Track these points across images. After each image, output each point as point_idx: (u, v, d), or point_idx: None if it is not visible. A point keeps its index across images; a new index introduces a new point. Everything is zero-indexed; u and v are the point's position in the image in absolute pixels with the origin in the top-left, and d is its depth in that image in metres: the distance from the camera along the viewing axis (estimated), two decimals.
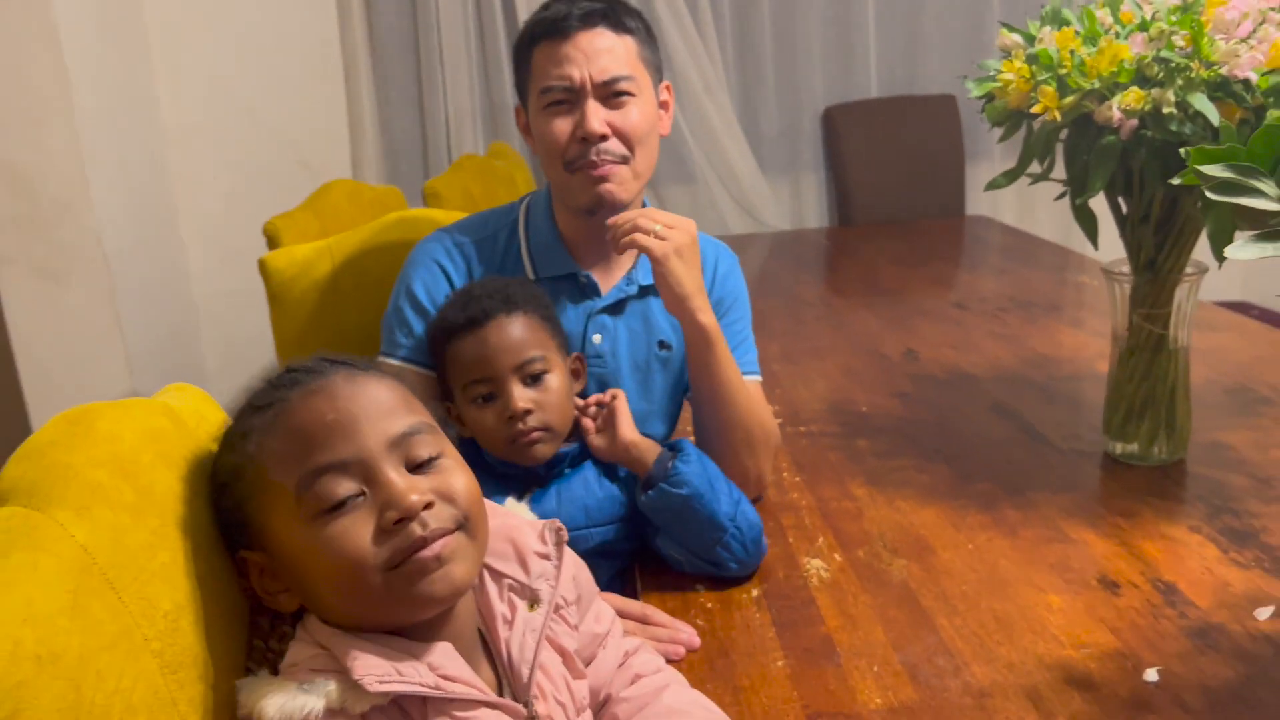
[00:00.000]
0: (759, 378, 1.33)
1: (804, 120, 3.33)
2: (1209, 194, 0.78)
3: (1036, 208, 3.50)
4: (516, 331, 1.11)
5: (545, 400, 1.10)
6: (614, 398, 1.16)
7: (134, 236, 2.55)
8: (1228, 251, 0.77)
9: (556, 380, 1.12)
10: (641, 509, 1.12)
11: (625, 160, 1.23)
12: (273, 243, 1.77)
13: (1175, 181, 0.87)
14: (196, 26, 2.85)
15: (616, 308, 1.29)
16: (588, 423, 1.16)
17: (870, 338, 1.97)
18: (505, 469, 1.13)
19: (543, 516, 0.87)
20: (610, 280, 1.30)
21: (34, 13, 2.21)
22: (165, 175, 2.87)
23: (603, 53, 1.21)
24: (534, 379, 1.11)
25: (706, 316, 1.19)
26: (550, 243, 1.29)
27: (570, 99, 1.21)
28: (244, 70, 2.92)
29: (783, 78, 3.30)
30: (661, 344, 1.31)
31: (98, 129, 2.38)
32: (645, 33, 1.26)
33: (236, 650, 0.73)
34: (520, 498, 1.13)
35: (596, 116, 1.20)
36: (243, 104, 2.94)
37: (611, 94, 1.21)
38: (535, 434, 1.09)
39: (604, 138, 1.21)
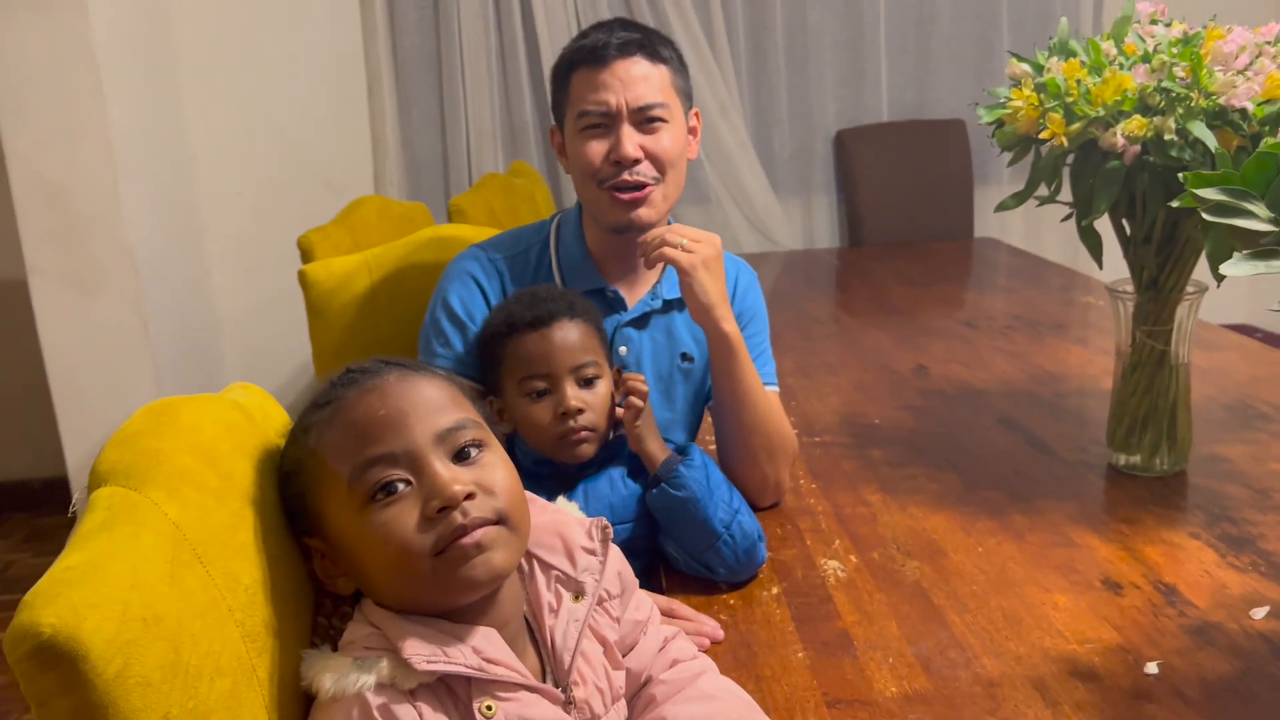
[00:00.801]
0: (777, 389, 1.39)
1: (816, 143, 3.40)
2: (1205, 215, 0.84)
3: (1044, 230, 3.56)
4: (576, 335, 1.18)
5: (594, 403, 1.17)
6: (629, 402, 1.20)
7: (163, 251, 2.62)
8: (1224, 269, 0.83)
9: (604, 387, 1.19)
10: (649, 505, 1.19)
11: (656, 182, 1.29)
12: (306, 256, 1.84)
13: (1175, 204, 0.93)
14: (225, 49, 2.93)
15: (641, 321, 1.36)
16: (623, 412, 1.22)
17: (881, 354, 2.03)
18: (537, 468, 1.19)
19: None
20: (635, 295, 1.37)
21: (72, 35, 2.29)
22: (193, 192, 2.94)
23: (638, 80, 1.27)
24: (586, 382, 1.18)
25: (730, 325, 1.26)
26: (579, 259, 1.36)
27: (606, 123, 1.28)
28: (270, 90, 3.00)
29: (795, 101, 3.37)
30: (684, 356, 1.38)
31: (130, 146, 2.45)
32: (678, 62, 1.33)
33: (304, 625, 0.79)
34: (550, 497, 1.19)
35: (631, 140, 1.27)
36: (268, 123, 3.02)
37: (645, 120, 1.28)
38: (583, 433, 1.16)
39: (637, 161, 1.27)
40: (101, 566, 0.60)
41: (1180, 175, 0.89)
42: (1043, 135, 1.22)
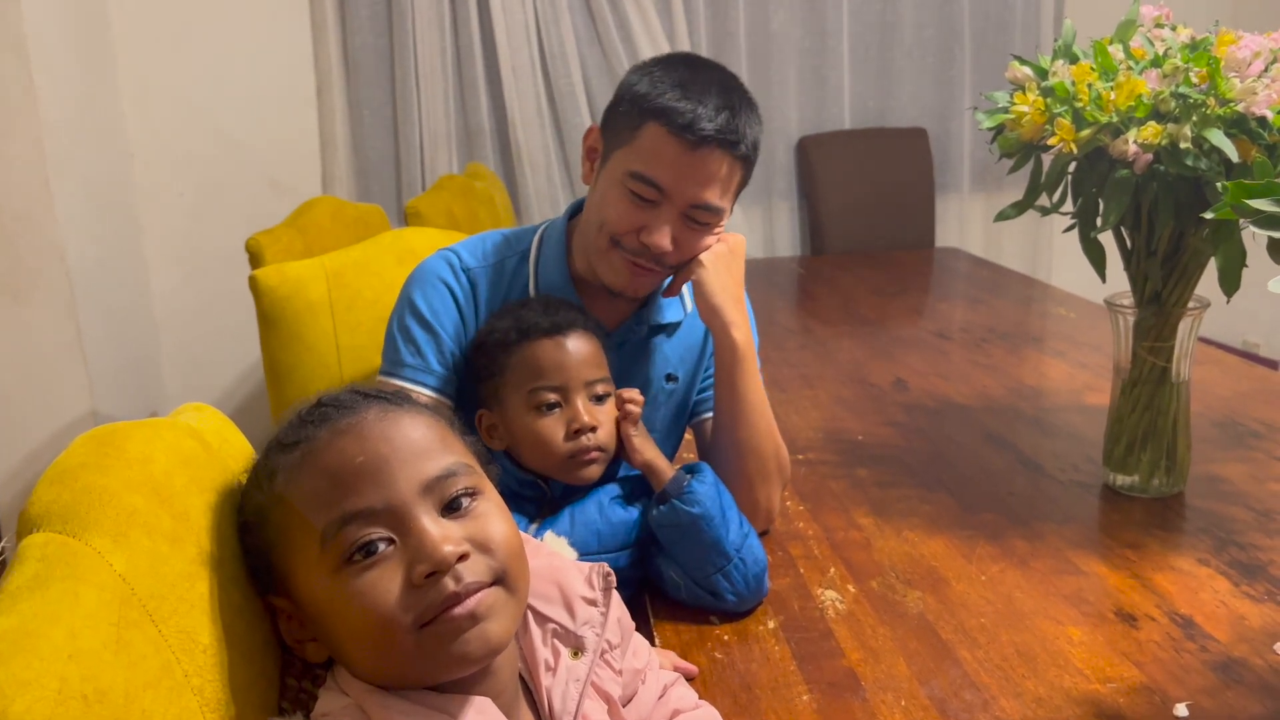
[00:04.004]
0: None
1: (778, 150, 3.35)
2: (1255, 228, 0.78)
3: (1003, 240, 3.55)
4: (593, 349, 1.12)
5: (606, 422, 1.10)
6: (625, 411, 1.14)
7: (97, 253, 2.48)
8: (1272, 285, 0.78)
9: (612, 406, 1.12)
10: (651, 524, 1.11)
11: (670, 269, 1.20)
12: (255, 260, 1.73)
13: (1209, 215, 0.88)
14: (165, 42, 2.80)
15: (622, 346, 1.27)
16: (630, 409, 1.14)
17: (857, 366, 1.97)
18: (522, 490, 1.10)
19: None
20: (617, 320, 1.27)
21: (2, 25, 2.15)
22: (130, 191, 2.80)
23: (713, 180, 1.14)
24: (598, 399, 1.11)
25: (740, 333, 1.19)
26: (559, 281, 1.25)
27: (657, 199, 1.14)
28: (212, 86, 2.87)
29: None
30: (668, 377, 1.30)
31: (62, 142, 2.32)
32: (755, 146, 1.19)
33: (271, 686, 0.69)
34: (533, 519, 1.10)
35: (666, 236, 1.15)
36: (211, 120, 2.89)
37: (696, 216, 1.16)
38: (594, 453, 1.09)
39: (666, 253, 1.16)
40: (34, 633, 0.50)
41: (1219, 185, 0.83)
42: (1050, 142, 1.16)
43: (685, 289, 1.29)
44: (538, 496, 1.12)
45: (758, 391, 1.22)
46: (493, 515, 0.68)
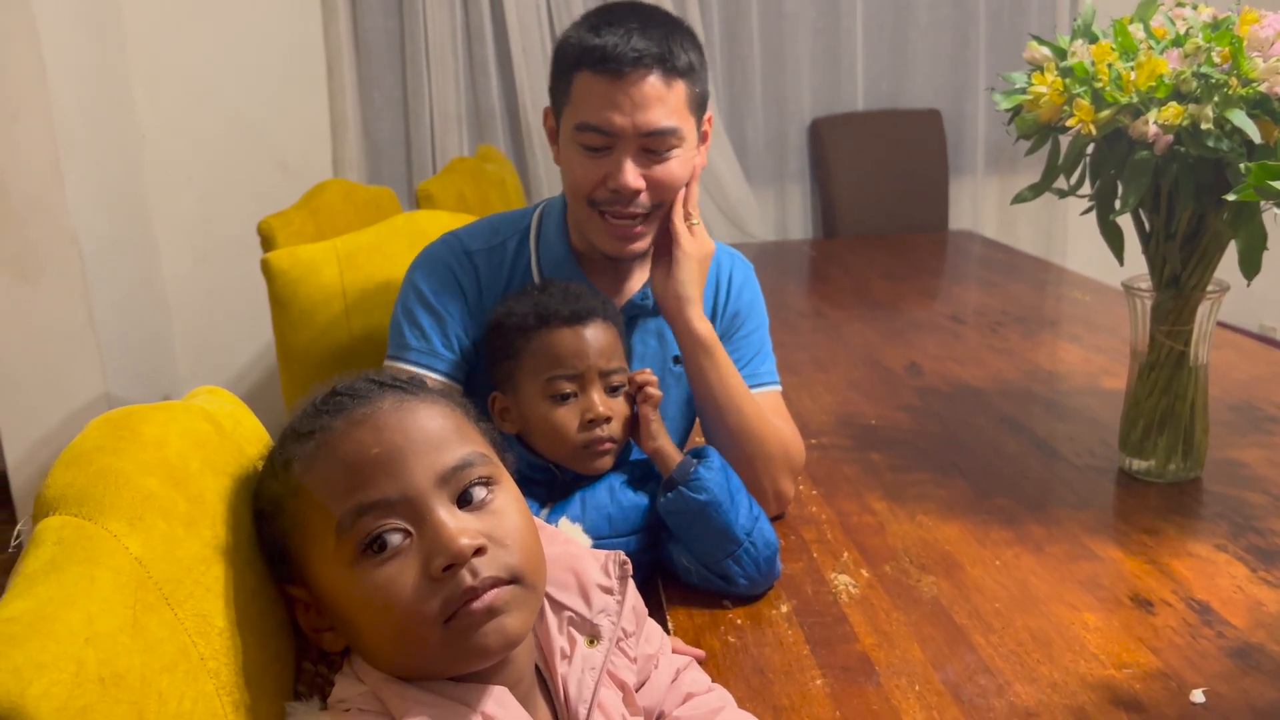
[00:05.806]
0: (779, 388, 1.31)
1: (790, 131, 3.33)
2: (1278, 209, 0.77)
3: (1017, 222, 3.53)
4: (611, 339, 1.11)
5: (620, 413, 1.10)
6: (645, 394, 1.13)
7: (108, 236, 2.48)
8: None
9: (625, 398, 1.12)
10: (660, 511, 1.10)
11: (654, 210, 1.19)
12: (267, 243, 1.72)
13: (1232, 197, 0.86)
14: (175, 24, 2.79)
15: (630, 323, 1.26)
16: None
17: (870, 349, 1.96)
18: (532, 473, 1.10)
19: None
20: (624, 295, 1.27)
21: (13, 6, 2.15)
22: (141, 174, 2.80)
23: (652, 103, 1.13)
24: (613, 390, 1.10)
25: (702, 325, 1.20)
26: (562, 257, 1.26)
27: (608, 144, 1.15)
28: (222, 69, 2.87)
29: (770, 89, 3.30)
30: (676, 359, 1.29)
31: (73, 125, 2.31)
32: (698, 67, 1.19)
33: (287, 670, 0.69)
34: (543, 505, 1.10)
35: (633, 171, 1.14)
36: (220, 103, 2.88)
37: (653, 145, 1.15)
38: (607, 444, 1.08)
39: (637, 191, 1.16)
40: (50, 616, 0.50)
41: (1242, 166, 0.82)
42: (1069, 123, 1.15)
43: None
44: (548, 481, 1.11)
45: (734, 375, 1.22)
46: (510, 511, 0.68)
